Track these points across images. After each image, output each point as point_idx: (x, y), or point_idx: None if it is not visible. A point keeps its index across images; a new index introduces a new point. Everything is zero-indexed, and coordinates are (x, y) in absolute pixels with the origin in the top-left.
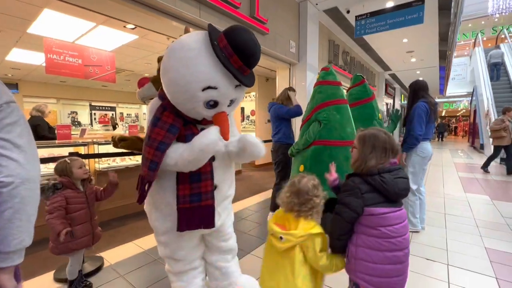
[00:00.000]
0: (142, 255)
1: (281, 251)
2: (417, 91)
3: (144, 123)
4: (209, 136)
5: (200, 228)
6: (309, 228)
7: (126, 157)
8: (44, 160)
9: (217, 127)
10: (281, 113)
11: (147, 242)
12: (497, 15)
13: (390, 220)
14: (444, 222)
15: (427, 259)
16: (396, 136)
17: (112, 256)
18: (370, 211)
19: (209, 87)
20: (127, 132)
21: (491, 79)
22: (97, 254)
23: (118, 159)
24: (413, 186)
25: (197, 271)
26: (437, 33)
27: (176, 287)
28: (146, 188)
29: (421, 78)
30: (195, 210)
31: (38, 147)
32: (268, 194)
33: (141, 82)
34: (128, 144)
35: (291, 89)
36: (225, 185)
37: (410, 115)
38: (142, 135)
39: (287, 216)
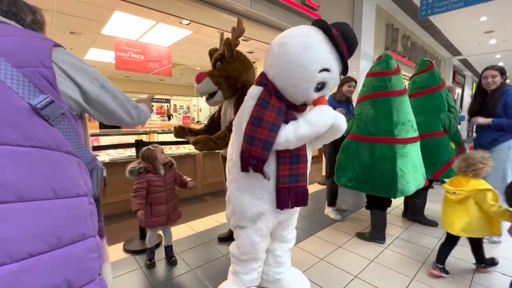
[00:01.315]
0: (194, 236)
1: (456, 201)
2: (505, 75)
3: (195, 114)
4: (329, 113)
5: (295, 207)
6: (477, 185)
7: (181, 146)
8: (116, 146)
9: (329, 107)
10: None
11: (199, 225)
12: None
13: None
14: None
15: (503, 274)
16: (464, 130)
17: None
18: None
19: (324, 69)
20: (181, 122)
21: None
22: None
23: (173, 147)
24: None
25: (257, 264)
26: None
27: (235, 268)
28: (261, 167)
29: (501, 63)
30: (293, 190)
31: (109, 135)
32: (313, 187)
33: (199, 78)
34: (202, 146)
35: (344, 80)
36: (308, 171)
37: (506, 101)
38: (194, 126)
39: (458, 179)
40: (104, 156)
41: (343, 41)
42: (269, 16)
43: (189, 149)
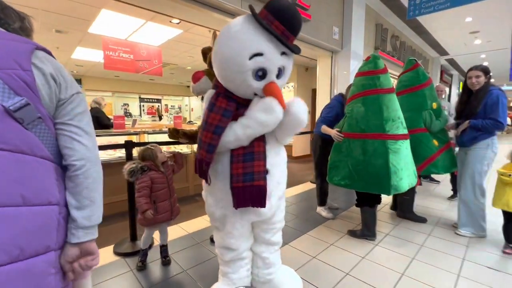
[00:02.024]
0: (186, 237)
1: (508, 183)
2: (489, 75)
3: (186, 114)
4: (275, 113)
5: (252, 206)
6: None
7: (172, 146)
8: (115, 146)
9: (274, 98)
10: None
11: (191, 226)
12: None
13: None
14: None
15: (489, 268)
16: None
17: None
18: None
19: (255, 55)
20: (172, 122)
21: None
22: None
23: (164, 147)
24: (484, 186)
25: (243, 262)
26: None
27: (223, 270)
28: (206, 169)
29: (486, 63)
30: (248, 189)
31: (99, 135)
32: (304, 186)
33: (196, 77)
34: None
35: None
36: (277, 170)
37: (487, 101)
38: (186, 126)
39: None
40: None
41: (274, 18)
42: None
43: (180, 149)
